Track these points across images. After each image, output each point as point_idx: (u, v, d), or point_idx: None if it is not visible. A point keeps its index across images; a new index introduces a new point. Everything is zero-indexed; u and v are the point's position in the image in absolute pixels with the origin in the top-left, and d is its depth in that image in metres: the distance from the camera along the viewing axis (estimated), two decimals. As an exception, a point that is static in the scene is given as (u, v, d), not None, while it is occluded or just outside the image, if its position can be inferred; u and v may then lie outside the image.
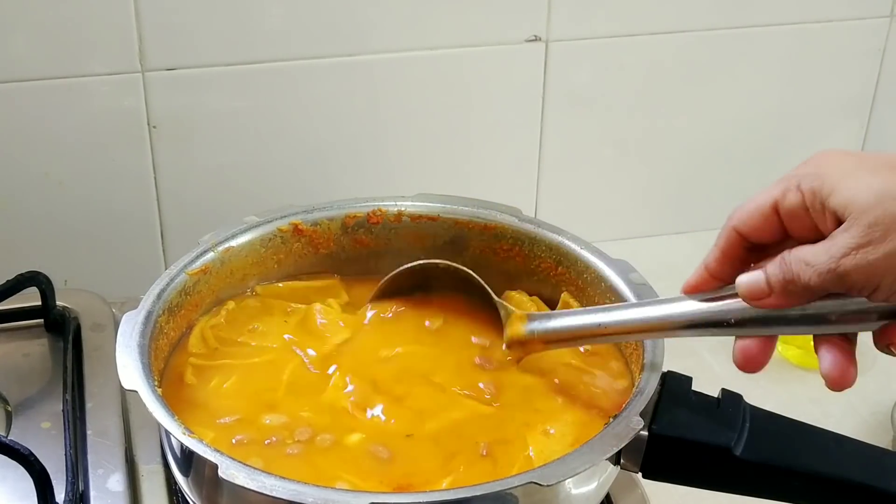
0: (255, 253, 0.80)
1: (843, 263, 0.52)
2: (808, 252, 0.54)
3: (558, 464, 0.59)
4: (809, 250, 0.54)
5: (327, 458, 0.65)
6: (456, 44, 1.01)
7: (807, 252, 0.54)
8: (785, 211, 0.56)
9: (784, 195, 0.55)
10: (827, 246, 0.53)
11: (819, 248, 0.53)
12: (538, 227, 0.81)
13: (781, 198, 0.55)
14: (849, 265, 0.52)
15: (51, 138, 0.95)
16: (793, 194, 0.55)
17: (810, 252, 0.53)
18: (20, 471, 0.68)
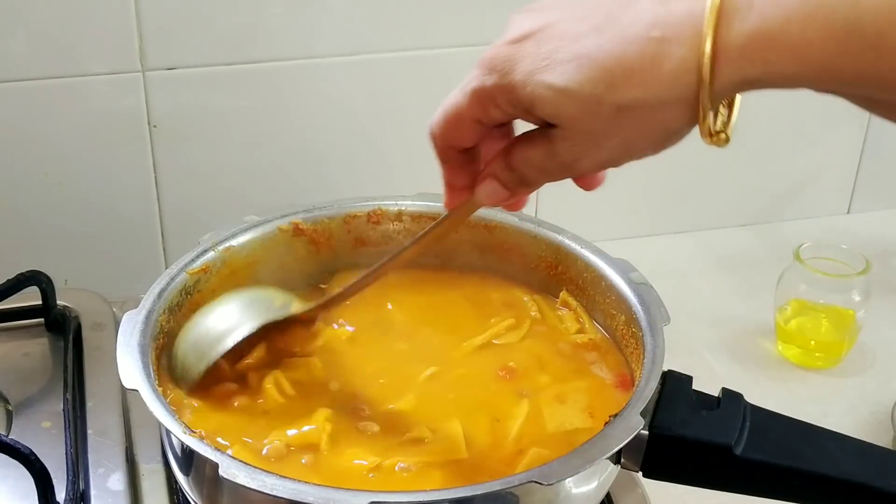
0: (256, 252, 0.80)
1: (572, 164, 0.53)
2: (536, 157, 0.54)
3: (558, 463, 0.59)
4: (536, 155, 0.53)
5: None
6: (456, 43, 1.01)
7: (535, 157, 0.54)
8: (490, 123, 0.55)
9: (485, 112, 0.53)
10: (552, 150, 0.52)
11: (544, 152, 0.53)
12: (538, 226, 0.81)
13: (483, 114, 0.54)
14: (579, 165, 0.53)
15: (51, 138, 0.95)
16: (494, 111, 0.53)
17: (538, 157, 0.53)
18: (21, 470, 0.69)
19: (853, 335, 0.96)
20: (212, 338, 0.70)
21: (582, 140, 0.51)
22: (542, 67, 0.49)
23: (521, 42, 0.51)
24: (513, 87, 0.51)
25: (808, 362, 0.97)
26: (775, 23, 0.44)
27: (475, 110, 0.54)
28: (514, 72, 0.50)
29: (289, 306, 0.74)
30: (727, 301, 1.05)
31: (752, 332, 1.01)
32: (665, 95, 0.48)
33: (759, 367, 0.97)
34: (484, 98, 0.53)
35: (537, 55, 0.50)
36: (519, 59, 0.50)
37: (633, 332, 0.72)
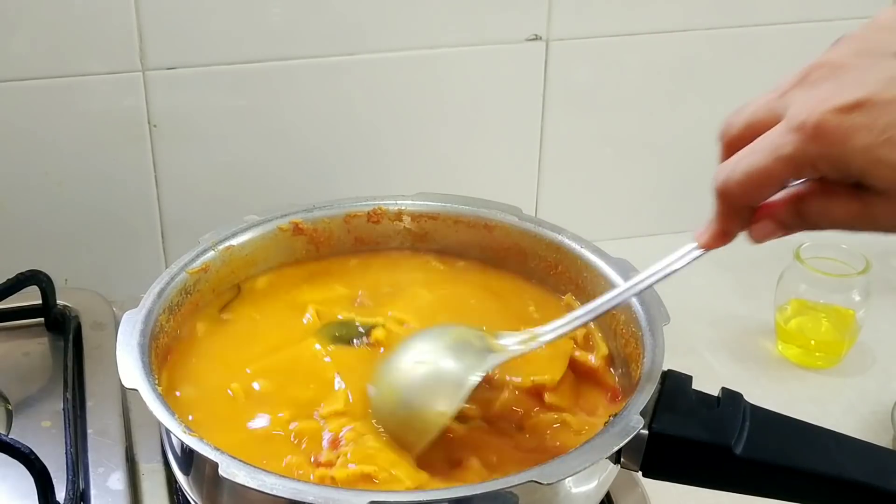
0: (256, 252, 0.80)
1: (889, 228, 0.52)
2: (841, 214, 0.53)
3: (558, 462, 0.59)
4: (842, 212, 0.53)
5: None
6: (456, 43, 1.01)
7: (839, 213, 0.53)
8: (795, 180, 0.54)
9: (798, 175, 0.53)
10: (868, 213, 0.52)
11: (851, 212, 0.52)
12: (538, 226, 0.81)
13: (795, 177, 0.53)
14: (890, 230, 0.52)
15: (51, 137, 0.95)
16: (810, 173, 0.52)
17: (845, 215, 0.53)
18: (21, 469, 0.69)
19: (853, 335, 0.96)
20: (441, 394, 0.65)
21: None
22: (882, 142, 0.49)
23: (849, 112, 0.49)
24: (844, 158, 0.50)
25: (808, 362, 0.97)
26: None
27: (787, 173, 0.53)
28: (846, 143, 0.50)
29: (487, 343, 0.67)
30: (727, 301, 1.05)
31: (752, 332, 1.01)
32: None
33: (759, 367, 0.97)
34: (803, 164, 0.52)
35: (874, 128, 0.49)
36: (852, 132, 0.49)
37: (633, 332, 0.72)
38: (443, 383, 0.65)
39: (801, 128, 0.50)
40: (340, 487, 0.60)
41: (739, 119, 0.55)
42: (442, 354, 0.66)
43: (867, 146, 0.49)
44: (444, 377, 0.65)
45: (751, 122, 0.54)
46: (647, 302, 0.72)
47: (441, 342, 0.67)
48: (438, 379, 0.65)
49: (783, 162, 0.51)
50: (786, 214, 0.55)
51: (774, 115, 0.53)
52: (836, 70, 0.51)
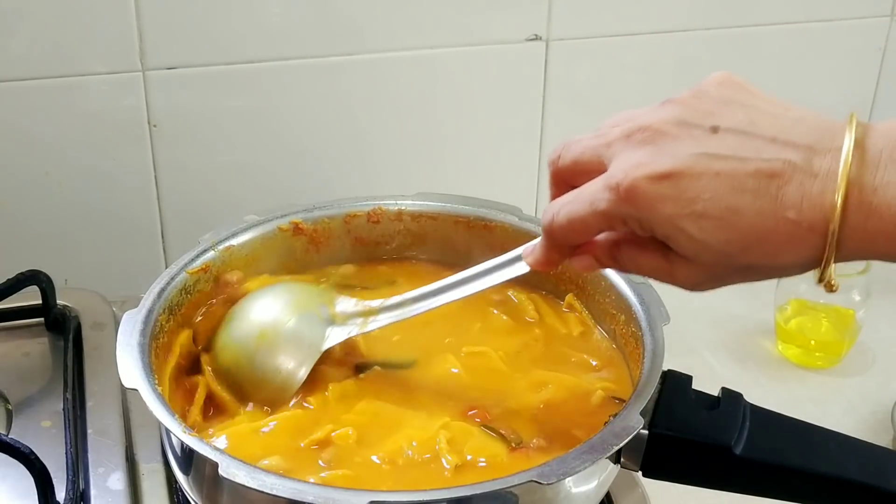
0: (256, 252, 0.80)
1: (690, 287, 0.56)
2: (648, 266, 0.56)
3: (558, 462, 0.59)
4: (649, 264, 0.56)
5: None
6: (456, 43, 1.01)
7: (646, 265, 0.56)
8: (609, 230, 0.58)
9: (611, 227, 0.56)
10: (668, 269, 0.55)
11: (658, 267, 0.56)
12: (538, 226, 0.81)
13: (608, 228, 0.56)
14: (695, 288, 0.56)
15: (51, 137, 0.95)
16: (620, 227, 0.55)
17: (650, 267, 0.56)
18: (21, 469, 0.68)
19: (853, 335, 0.96)
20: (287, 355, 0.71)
21: (702, 273, 0.54)
22: (685, 214, 0.52)
23: (660, 180, 0.52)
24: (649, 222, 0.53)
25: (808, 362, 0.97)
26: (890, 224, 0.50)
27: (602, 225, 0.56)
28: (653, 210, 0.52)
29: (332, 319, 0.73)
30: (727, 301, 1.05)
31: (752, 332, 1.01)
32: (791, 264, 0.53)
33: (759, 367, 0.97)
34: (615, 220, 0.55)
35: (678, 201, 0.52)
36: (659, 201, 0.52)
37: (633, 332, 0.72)
38: (288, 357, 0.71)
39: (615, 188, 0.53)
40: (340, 487, 0.60)
41: (568, 155, 0.58)
42: (287, 324, 0.71)
43: (671, 215, 0.52)
44: (289, 351, 0.71)
45: (578, 160, 0.57)
46: (647, 302, 0.72)
47: (287, 308, 0.72)
48: (285, 352, 0.71)
49: (598, 215, 0.55)
50: (602, 254, 0.58)
51: (598, 161, 0.56)
52: (655, 136, 0.54)
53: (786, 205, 0.50)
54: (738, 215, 0.51)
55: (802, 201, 0.50)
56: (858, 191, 0.49)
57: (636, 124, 0.55)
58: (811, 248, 0.51)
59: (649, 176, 0.52)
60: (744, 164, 0.51)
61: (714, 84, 0.55)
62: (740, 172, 0.51)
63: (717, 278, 0.55)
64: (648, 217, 0.53)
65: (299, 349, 0.71)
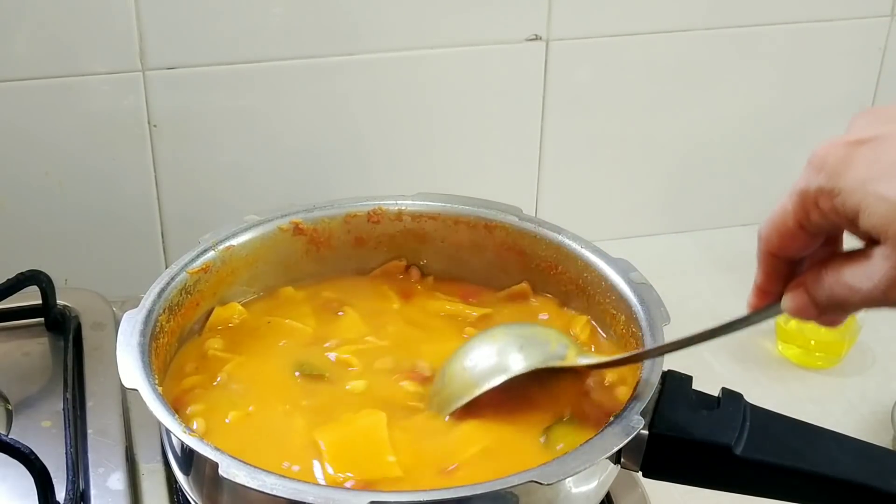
0: (256, 252, 0.80)
1: (889, 292, 0.49)
2: (850, 276, 0.50)
3: (558, 462, 0.59)
4: (851, 274, 0.50)
5: None
6: (456, 43, 1.01)
7: (849, 276, 0.51)
8: (813, 229, 0.52)
9: (807, 215, 0.51)
10: (869, 271, 0.49)
11: (861, 273, 0.50)
12: (538, 226, 0.81)
13: (805, 218, 0.51)
14: (893, 293, 0.49)
15: (51, 137, 0.95)
16: (816, 215, 0.51)
17: (852, 276, 0.50)
18: (21, 469, 0.68)
19: (853, 335, 0.96)
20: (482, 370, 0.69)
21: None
22: (877, 176, 0.47)
23: (856, 145, 0.48)
24: (840, 192, 0.48)
25: (808, 362, 0.97)
26: None
27: (798, 213, 0.51)
28: (844, 175, 0.48)
29: (564, 352, 0.70)
30: (727, 301, 1.05)
31: (752, 332, 1.00)
32: None
33: (759, 367, 0.97)
34: (808, 200, 0.50)
35: (873, 161, 0.47)
36: (852, 163, 0.48)
37: (633, 332, 0.72)
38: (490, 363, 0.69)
39: (810, 160, 0.50)
40: (340, 487, 0.60)
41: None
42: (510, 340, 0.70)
43: (861, 179, 0.47)
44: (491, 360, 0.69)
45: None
46: (647, 302, 0.72)
47: (519, 331, 0.71)
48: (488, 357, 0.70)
49: (794, 197, 0.51)
50: (811, 281, 0.53)
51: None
52: (871, 113, 0.50)
53: None
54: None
55: None
56: None
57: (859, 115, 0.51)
58: None
59: (846, 141, 0.48)
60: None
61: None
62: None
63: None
64: (839, 185, 0.48)
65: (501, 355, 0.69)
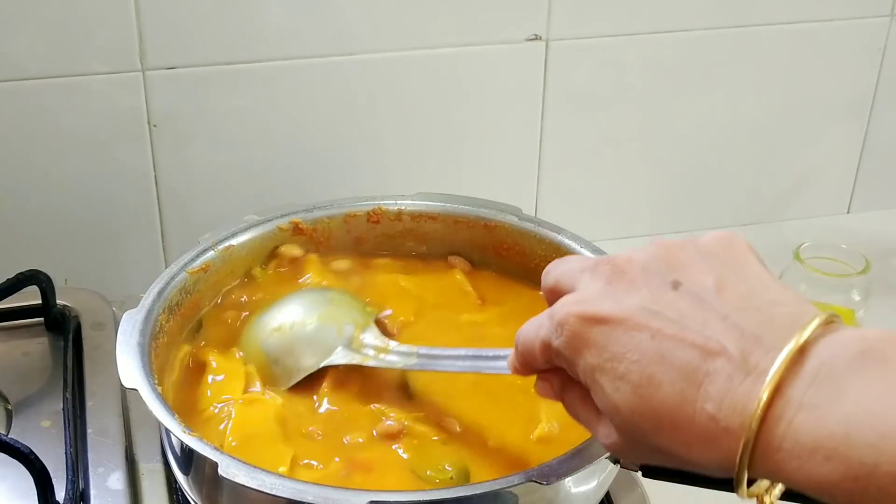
0: (256, 251, 0.80)
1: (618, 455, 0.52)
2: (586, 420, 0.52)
3: (558, 462, 0.59)
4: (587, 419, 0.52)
5: None
6: (456, 43, 1.01)
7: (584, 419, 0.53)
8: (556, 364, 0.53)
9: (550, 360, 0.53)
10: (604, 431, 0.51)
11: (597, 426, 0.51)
12: (538, 226, 0.81)
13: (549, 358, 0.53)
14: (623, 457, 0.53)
15: (51, 137, 0.95)
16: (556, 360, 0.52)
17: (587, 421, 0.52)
18: (20, 469, 0.69)
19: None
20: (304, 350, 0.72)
21: (620, 439, 0.50)
22: (605, 368, 0.48)
23: (592, 324, 0.49)
24: (573, 367, 0.50)
25: (808, 362, 0.97)
26: (802, 454, 0.43)
27: (543, 353, 0.52)
28: (577, 353, 0.49)
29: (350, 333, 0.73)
30: (727, 301, 1.05)
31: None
32: (706, 462, 0.47)
33: (759, 367, 0.97)
34: (550, 350, 0.51)
35: (603, 352, 0.48)
36: (585, 345, 0.49)
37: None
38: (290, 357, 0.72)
39: (552, 318, 0.51)
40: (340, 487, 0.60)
41: (553, 273, 0.54)
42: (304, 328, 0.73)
43: (592, 365, 0.48)
44: (294, 352, 0.72)
45: (558, 281, 0.54)
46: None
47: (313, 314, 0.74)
48: (289, 352, 0.72)
49: (539, 342, 0.52)
50: (557, 386, 0.54)
51: (571, 286, 0.52)
52: (615, 274, 0.50)
53: (707, 395, 0.45)
54: (656, 388, 0.46)
55: (724, 397, 0.44)
56: (783, 403, 0.43)
57: (610, 258, 0.51)
58: (725, 452, 0.45)
59: (583, 316, 0.49)
60: (683, 332, 0.46)
61: (712, 237, 0.52)
62: (675, 342, 0.46)
63: (635, 452, 0.50)
64: (572, 359, 0.49)
65: (301, 356, 0.72)
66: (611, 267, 0.51)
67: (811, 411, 0.42)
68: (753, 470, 0.45)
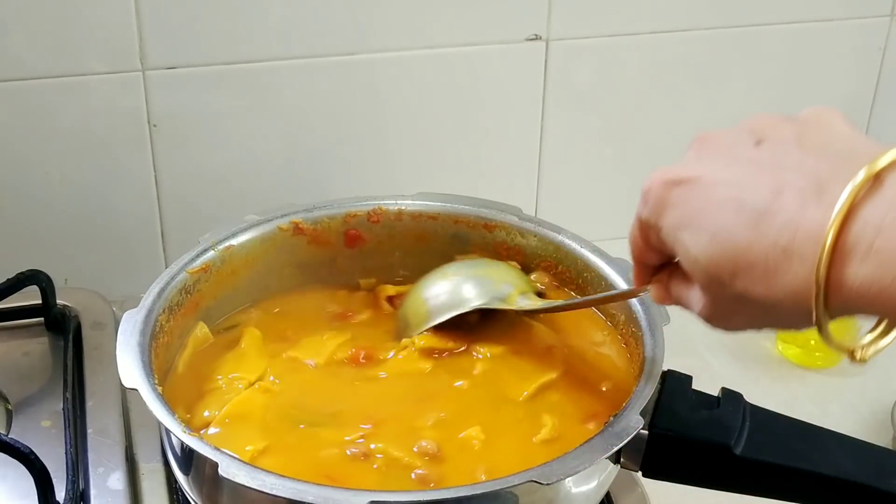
0: (256, 251, 0.80)
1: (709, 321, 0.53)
2: (685, 295, 0.54)
3: (558, 462, 0.59)
4: (686, 293, 0.54)
5: None
6: (456, 43, 1.01)
7: (684, 294, 0.54)
8: (657, 248, 0.55)
9: (646, 239, 0.55)
10: (695, 297, 0.52)
11: (691, 296, 0.53)
12: (538, 225, 0.81)
13: (646, 240, 0.55)
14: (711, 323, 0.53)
15: (51, 137, 0.95)
16: (652, 238, 0.54)
17: (687, 296, 0.54)
18: (21, 469, 0.69)
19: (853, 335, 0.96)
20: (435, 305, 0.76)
21: (713, 305, 0.51)
22: (683, 224, 0.50)
23: (672, 186, 0.50)
24: (660, 229, 0.52)
25: (808, 362, 0.97)
26: (888, 275, 0.43)
27: (640, 234, 0.55)
28: (661, 216, 0.51)
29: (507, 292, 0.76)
30: (727, 301, 1.05)
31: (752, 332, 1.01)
32: (783, 300, 0.47)
33: (759, 367, 0.97)
34: (642, 227, 0.54)
35: (683, 209, 0.50)
36: (666, 206, 0.51)
37: (633, 332, 0.72)
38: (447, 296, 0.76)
39: (642, 189, 0.52)
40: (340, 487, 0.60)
41: None
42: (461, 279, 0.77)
43: (672, 225, 0.50)
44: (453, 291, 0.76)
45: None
46: (646, 302, 0.72)
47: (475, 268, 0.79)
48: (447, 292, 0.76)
49: (636, 223, 0.54)
50: (665, 280, 0.56)
51: None
52: (705, 143, 0.52)
53: (780, 228, 0.46)
54: (731, 232, 0.47)
55: (798, 227, 0.45)
56: (860, 226, 0.43)
57: (700, 134, 0.53)
58: (802, 282, 0.45)
59: (664, 180, 0.51)
60: (758, 177, 0.47)
61: (806, 110, 0.52)
62: (750, 187, 0.47)
63: (723, 310, 0.51)
64: (658, 223, 0.51)
65: (455, 293, 0.76)
66: (699, 141, 0.52)
67: (893, 231, 0.42)
68: (832, 304, 0.45)
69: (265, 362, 0.74)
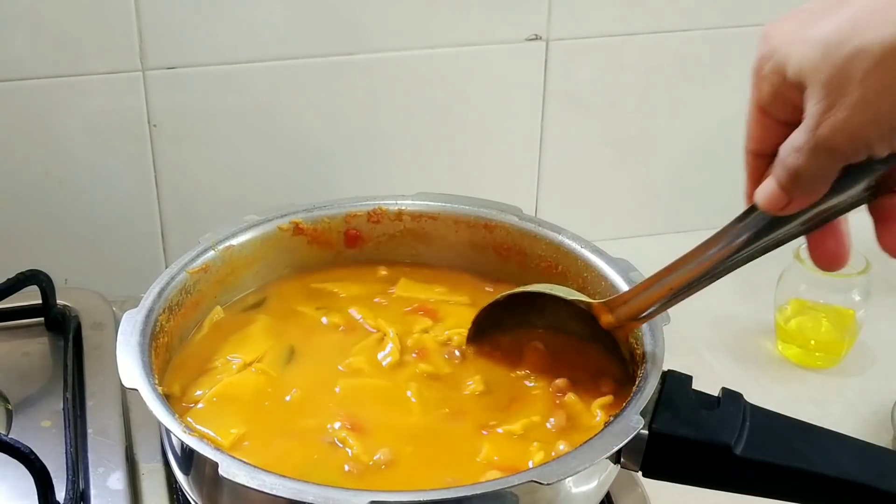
0: (256, 251, 0.80)
1: (821, 134, 0.50)
2: (794, 138, 0.52)
3: (558, 462, 0.59)
4: (795, 136, 0.51)
5: None
6: (456, 43, 1.01)
7: (794, 139, 0.52)
8: (769, 107, 0.55)
9: (761, 93, 0.55)
10: (806, 126, 0.51)
11: (799, 130, 0.51)
12: (538, 226, 0.81)
13: (761, 97, 0.55)
14: (826, 133, 0.50)
15: (51, 137, 0.95)
16: (764, 86, 0.54)
17: (795, 138, 0.51)
18: (21, 469, 0.69)
19: (853, 335, 0.96)
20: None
21: (827, 95, 0.49)
22: (805, 24, 0.51)
23: (788, 18, 0.53)
24: (774, 50, 0.53)
25: (808, 362, 0.97)
26: None
27: (756, 94, 0.55)
28: (776, 33, 0.53)
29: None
30: (727, 301, 1.05)
31: (751, 332, 1.01)
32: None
33: (759, 367, 0.97)
34: (758, 74, 0.54)
35: (804, 12, 0.51)
36: (786, 21, 0.52)
37: (633, 332, 0.72)
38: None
39: (760, 36, 0.54)
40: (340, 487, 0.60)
41: None
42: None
43: (794, 29, 0.51)
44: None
45: None
46: (647, 302, 0.71)
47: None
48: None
49: (752, 79, 0.55)
50: (775, 164, 0.54)
51: None
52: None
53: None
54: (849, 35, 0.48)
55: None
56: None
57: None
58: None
59: (785, 17, 0.53)
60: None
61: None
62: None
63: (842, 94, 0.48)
64: (772, 44, 0.53)
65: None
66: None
67: None
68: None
69: (267, 345, 0.75)
